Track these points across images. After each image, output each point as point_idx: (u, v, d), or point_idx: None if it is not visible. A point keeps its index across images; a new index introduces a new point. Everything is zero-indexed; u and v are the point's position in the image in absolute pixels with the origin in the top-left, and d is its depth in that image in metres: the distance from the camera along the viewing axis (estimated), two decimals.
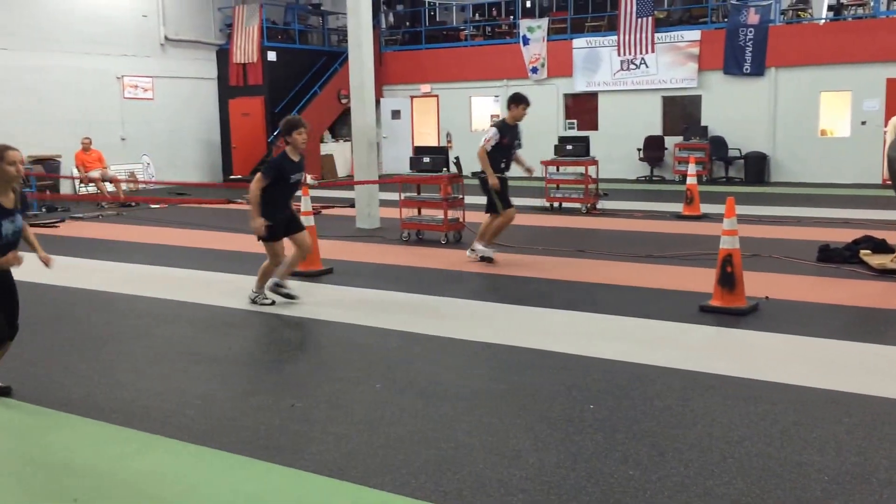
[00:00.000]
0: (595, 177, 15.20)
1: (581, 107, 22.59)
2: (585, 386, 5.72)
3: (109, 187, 18.63)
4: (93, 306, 8.63)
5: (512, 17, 24.05)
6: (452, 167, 12.07)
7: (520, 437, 4.81)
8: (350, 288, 9.15)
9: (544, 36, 22.43)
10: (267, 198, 7.95)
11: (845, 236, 10.64)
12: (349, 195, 15.46)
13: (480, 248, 10.40)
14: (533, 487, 4.17)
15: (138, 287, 9.42)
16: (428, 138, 24.40)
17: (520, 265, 10.19)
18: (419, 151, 12.87)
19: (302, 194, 9.89)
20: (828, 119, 19.80)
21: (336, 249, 11.30)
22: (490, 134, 10.02)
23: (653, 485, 4.16)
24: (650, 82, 21.31)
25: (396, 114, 25.04)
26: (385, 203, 14.07)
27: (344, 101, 23.31)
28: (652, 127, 21.44)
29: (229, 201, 17.09)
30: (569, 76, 22.35)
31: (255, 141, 22.62)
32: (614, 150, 20.89)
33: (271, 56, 23.09)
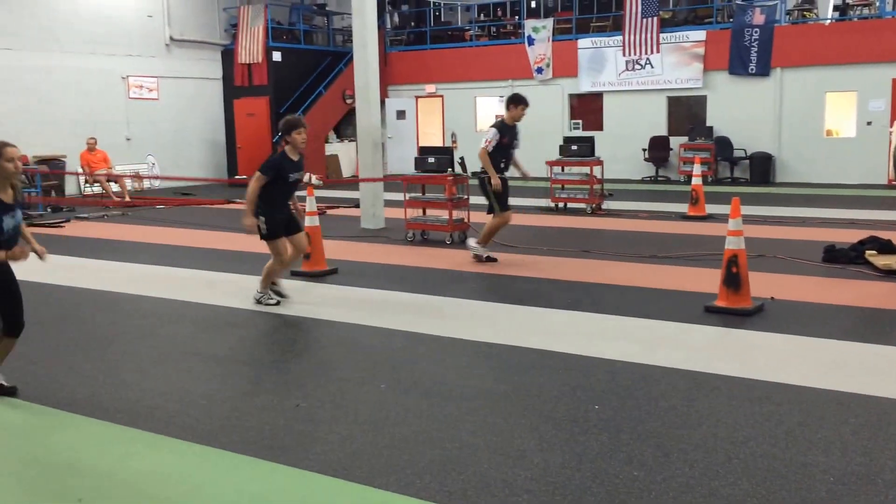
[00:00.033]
0: (600, 177, 15.20)
1: (586, 107, 22.58)
2: (590, 386, 5.71)
3: (114, 187, 18.69)
4: (97, 306, 8.64)
5: (517, 18, 24.05)
6: (457, 167, 12.08)
7: (524, 438, 4.81)
8: (354, 288, 9.16)
9: (549, 36, 22.41)
10: (266, 197, 7.98)
11: (851, 237, 10.62)
12: (354, 195, 15.46)
13: (473, 245, 10.46)
14: (538, 488, 4.17)
15: (143, 287, 9.43)
16: (433, 139, 24.40)
17: (524, 265, 10.19)
18: (424, 152, 12.89)
19: (307, 194, 9.90)
20: (833, 119, 19.76)
21: (341, 250, 11.30)
22: (490, 135, 10.02)
23: (658, 485, 4.16)
24: (655, 82, 21.29)
25: (401, 114, 25.06)
26: (390, 203, 14.07)
27: (349, 102, 23.33)
28: (657, 127, 21.42)
29: (229, 201, 17.09)
30: (574, 76, 22.33)
31: (260, 141, 22.64)
32: (619, 151, 20.89)
33: (276, 56, 23.12)
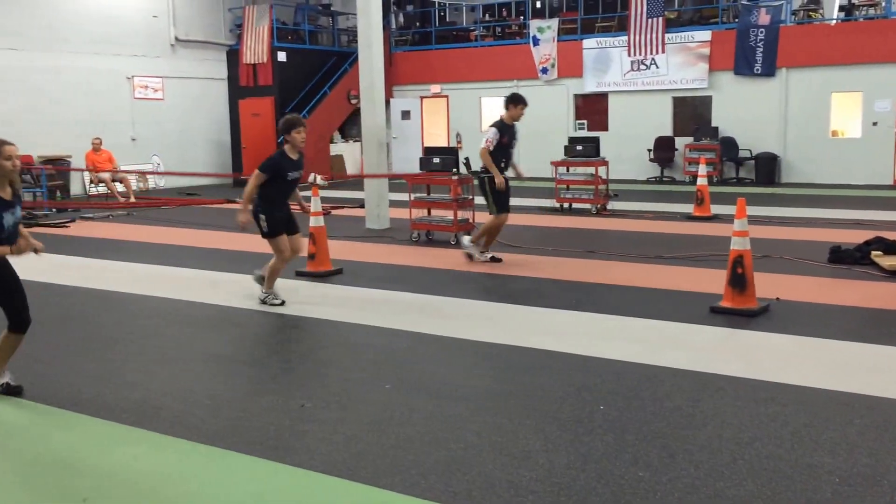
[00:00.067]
0: (605, 178, 15.18)
1: (591, 107, 22.55)
2: (595, 387, 5.71)
3: (119, 187, 18.71)
4: (102, 306, 8.66)
5: (522, 18, 24.04)
6: (462, 168, 12.07)
7: (529, 438, 4.80)
8: (359, 288, 9.16)
9: (554, 36, 22.39)
10: (265, 195, 8.03)
11: (856, 237, 10.59)
12: (359, 195, 15.47)
13: (466, 244, 10.50)
14: (543, 488, 4.16)
15: (147, 287, 9.45)
16: (438, 139, 24.40)
17: (529, 266, 10.18)
18: (429, 152, 12.88)
19: (312, 194, 9.91)
20: (839, 120, 19.71)
21: (346, 250, 11.30)
22: (491, 134, 10.02)
23: (663, 486, 4.15)
24: (660, 83, 21.26)
25: (406, 114, 25.05)
26: (395, 204, 14.07)
27: (354, 102, 23.32)
28: (662, 128, 21.39)
29: (229, 201, 17.09)
30: (579, 77, 22.31)
31: (265, 141, 22.64)
32: (624, 151, 20.85)
33: (281, 56, 23.12)
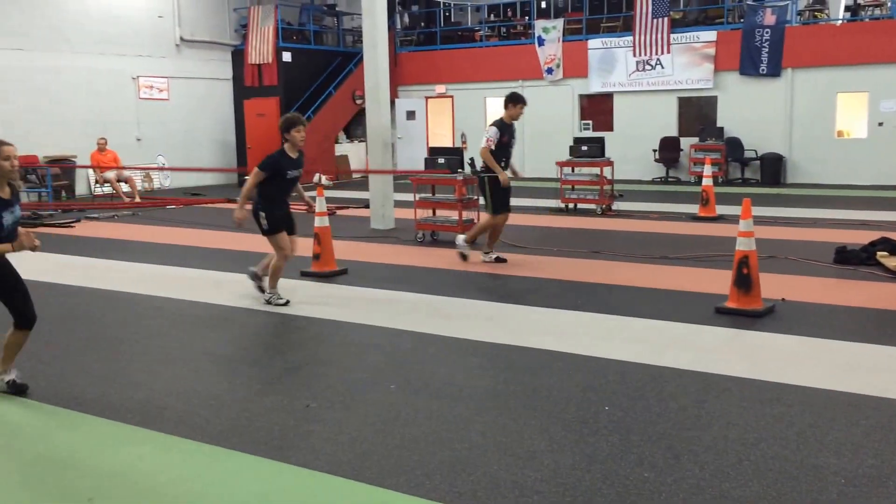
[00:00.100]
0: (610, 178, 15.17)
1: (596, 108, 22.54)
2: (600, 387, 5.70)
3: (124, 187, 18.73)
4: (107, 306, 8.67)
5: (527, 18, 24.03)
6: (467, 168, 12.07)
7: (534, 439, 4.80)
8: (364, 289, 9.16)
9: (559, 36, 22.38)
10: (265, 193, 8.11)
11: (862, 238, 10.58)
12: (364, 196, 15.48)
13: (460, 243, 10.51)
14: (548, 489, 4.16)
15: (152, 287, 9.46)
16: (443, 139, 24.41)
17: (534, 266, 10.17)
18: (434, 152, 12.88)
19: (317, 195, 9.91)
20: (844, 120, 19.67)
21: (350, 250, 11.31)
22: (491, 133, 10.03)
23: (668, 487, 4.15)
24: (666, 83, 21.24)
25: (411, 114, 25.07)
26: (400, 204, 14.07)
27: (359, 102, 23.35)
28: (667, 128, 21.37)
29: (229, 200, 17.11)
30: (584, 77, 22.30)
31: (270, 141, 22.58)
32: (629, 151, 20.84)
33: (286, 57, 23.15)
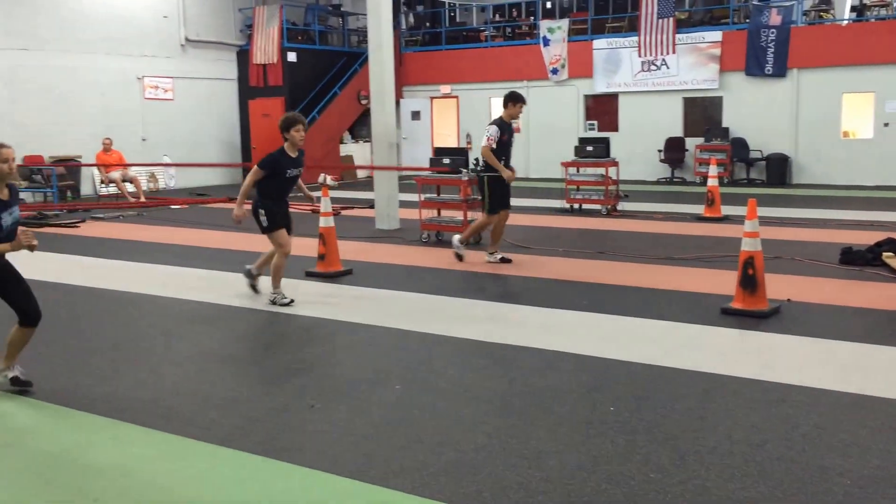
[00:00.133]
0: (615, 178, 15.16)
1: (601, 108, 22.52)
2: (605, 388, 5.70)
3: (129, 187, 18.75)
4: (113, 306, 8.68)
5: (532, 18, 24.04)
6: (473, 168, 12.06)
7: (540, 439, 4.80)
8: (369, 289, 9.16)
9: (565, 37, 22.37)
10: (264, 191, 8.24)
11: (868, 238, 10.56)
12: (369, 196, 15.48)
13: (456, 243, 10.54)
14: (553, 490, 4.16)
15: (158, 287, 9.47)
16: (448, 139, 24.41)
17: (539, 267, 10.17)
18: (439, 152, 12.88)
19: (322, 195, 9.92)
20: (850, 121, 19.64)
21: (356, 250, 11.31)
22: (492, 132, 10.03)
23: (674, 488, 4.14)
24: (671, 83, 21.22)
25: (416, 115, 25.08)
26: (405, 204, 14.07)
27: (364, 102, 23.38)
28: (673, 128, 21.36)
29: (230, 199, 17.09)
30: (589, 77, 22.30)
31: (275, 142, 22.34)
32: (635, 152, 20.84)
33: (291, 57, 23.17)
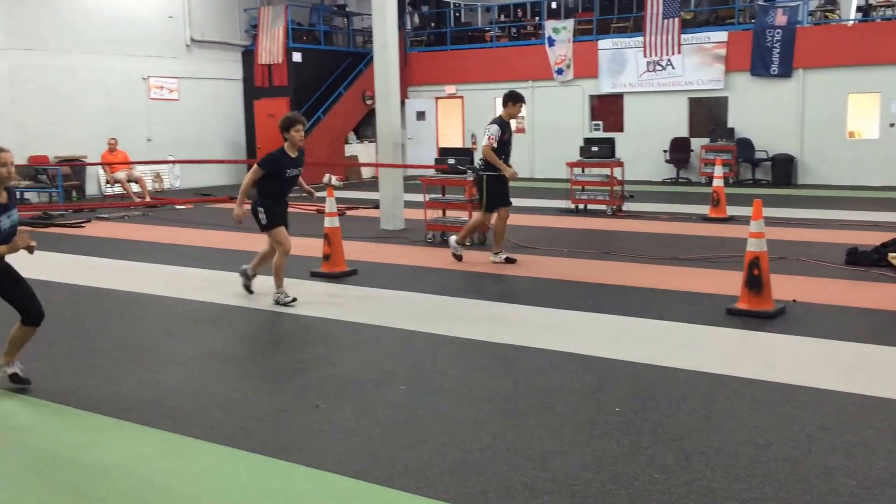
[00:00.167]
0: (620, 179, 15.15)
1: (607, 108, 22.50)
2: (610, 388, 5.69)
3: (134, 188, 18.77)
4: (118, 306, 8.69)
5: (537, 19, 24.01)
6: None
7: (544, 440, 4.79)
8: (374, 289, 9.16)
9: (570, 37, 22.36)
10: (264, 190, 8.35)
11: (874, 239, 10.54)
12: (374, 196, 15.48)
13: (453, 244, 10.56)
14: (558, 490, 4.15)
15: (162, 287, 9.48)
16: (453, 139, 24.41)
17: (544, 267, 10.16)
18: (444, 153, 12.87)
19: (327, 195, 9.93)
20: (856, 121, 19.59)
21: (361, 251, 11.31)
22: (493, 131, 10.05)
23: (679, 489, 4.13)
24: (676, 83, 21.19)
25: (421, 115, 25.09)
26: (410, 204, 14.07)
27: (369, 103, 23.38)
28: (678, 128, 21.32)
29: (231, 198, 17.07)
30: (594, 77, 22.27)
31: (280, 142, 22.67)
32: (640, 152, 20.82)
33: (296, 57, 23.19)
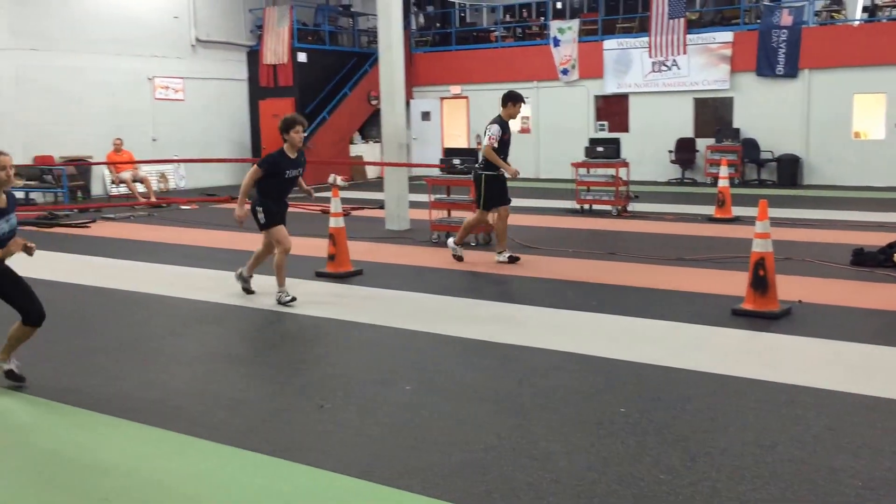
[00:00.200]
0: (626, 179, 15.13)
1: (612, 108, 22.48)
2: (616, 389, 5.68)
3: (140, 188, 18.80)
4: (122, 306, 8.70)
5: (543, 19, 24.01)
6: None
7: (549, 441, 4.78)
8: (379, 289, 9.16)
9: (575, 37, 22.35)
10: (263, 190, 8.38)
11: (879, 240, 10.51)
12: (379, 197, 15.48)
13: (452, 245, 10.57)
14: (563, 491, 4.14)
15: (167, 287, 9.49)
16: (458, 140, 24.41)
17: (549, 267, 10.15)
18: (449, 153, 12.87)
19: (332, 195, 9.93)
20: (862, 121, 19.56)
21: (365, 251, 11.31)
22: (493, 131, 10.09)
23: (684, 489, 4.12)
24: (682, 84, 21.17)
25: (426, 115, 25.09)
26: (415, 205, 14.06)
27: (374, 103, 23.38)
28: (683, 129, 21.30)
29: (231, 198, 17.10)
30: (599, 78, 22.27)
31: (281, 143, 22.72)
32: (645, 152, 20.80)
33: (301, 57, 23.20)
